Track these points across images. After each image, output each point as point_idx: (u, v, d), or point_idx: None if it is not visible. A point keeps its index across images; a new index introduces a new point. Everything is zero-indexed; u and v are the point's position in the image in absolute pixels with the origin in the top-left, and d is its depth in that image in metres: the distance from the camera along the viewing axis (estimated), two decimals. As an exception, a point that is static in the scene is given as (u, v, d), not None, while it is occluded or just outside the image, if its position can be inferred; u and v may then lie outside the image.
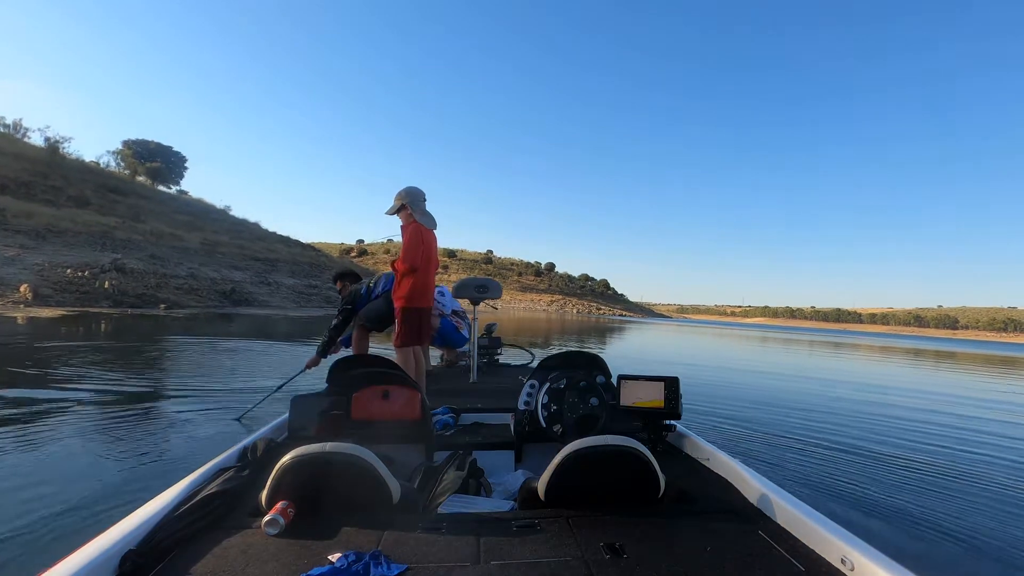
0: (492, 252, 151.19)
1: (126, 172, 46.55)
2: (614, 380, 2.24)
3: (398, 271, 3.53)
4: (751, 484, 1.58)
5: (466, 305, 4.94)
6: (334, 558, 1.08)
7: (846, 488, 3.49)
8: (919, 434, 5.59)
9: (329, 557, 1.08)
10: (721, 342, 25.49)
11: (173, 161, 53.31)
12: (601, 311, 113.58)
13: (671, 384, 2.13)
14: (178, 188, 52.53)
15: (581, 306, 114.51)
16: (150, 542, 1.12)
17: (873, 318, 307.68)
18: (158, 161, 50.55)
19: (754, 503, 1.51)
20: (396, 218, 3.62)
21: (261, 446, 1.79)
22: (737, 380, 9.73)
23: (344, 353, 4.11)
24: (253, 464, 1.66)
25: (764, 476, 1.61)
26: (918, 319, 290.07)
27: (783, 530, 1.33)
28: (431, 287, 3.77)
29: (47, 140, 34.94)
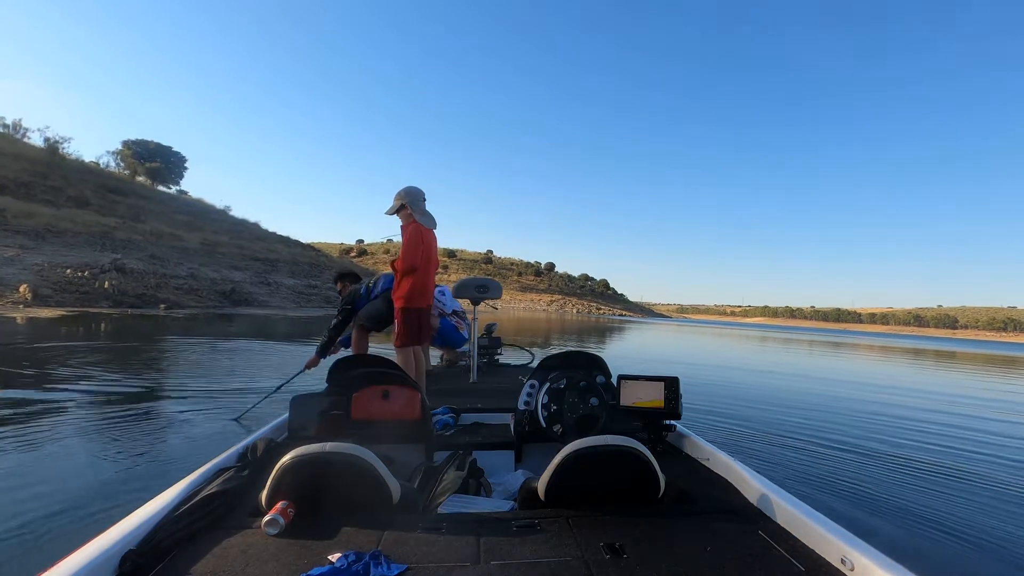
0: (492, 252, 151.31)
1: (126, 172, 46.53)
2: (614, 380, 2.24)
3: (398, 271, 3.52)
4: (751, 484, 1.58)
5: (466, 305, 4.94)
6: (334, 558, 1.08)
7: (846, 487, 3.49)
8: (920, 433, 5.59)
9: (329, 557, 1.08)
10: (721, 342, 25.48)
11: (173, 161, 53.28)
12: (601, 311, 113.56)
13: (671, 384, 2.13)
14: (178, 188, 52.57)
15: (581, 306, 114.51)
16: (150, 542, 1.12)
17: (873, 318, 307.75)
18: (158, 161, 50.52)
19: (754, 503, 1.51)
20: (396, 218, 3.61)
21: (261, 446, 1.79)
22: (737, 379, 9.72)
23: (344, 353, 4.11)
24: (253, 464, 1.66)
25: (764, 476, 1.61)
26: (918, 319, 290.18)
27: (783, 530, 1.33)
28: (431, 287, 3.76)
29: (47, 140, 34.95)
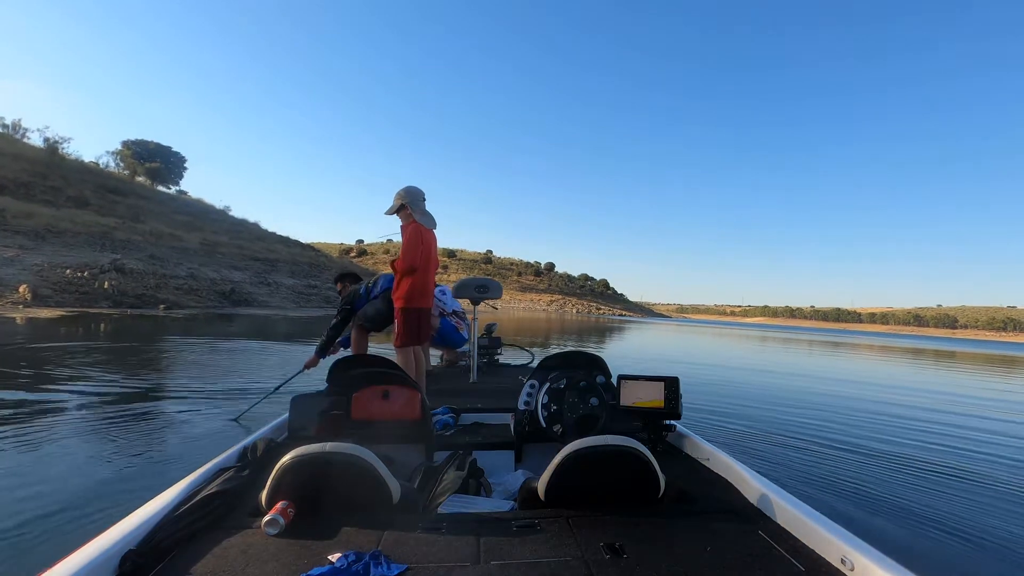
0: (492, 252, 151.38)
1: (125, 172, 46.50)
2: (614, 380, 2.24)
3: (397, 271, 3.52)
4: (751, 484, 1.58)
5: (466, 305, 4.94)
6: (334, 558, 1.08)
7: (847, 487, 3.49)
8: (921, 433, 5.59)
9: (329, 557, 1.08)
10: (721, 342, 25.47)
11: (172, 161, 53.27)
12: (601, 311, 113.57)
13: (671, 384, 2.13)
14: (178, 188, 52.55)
15: (581, 306, 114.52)
16: (150, 542, 1.12)
17: (873, 318, 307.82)
18: (157, 161, 50.51)
19: (754, 503, 1.51)
20: (396, 218, 3.61)
21: (261, 446, 1.79)
22: (738, 379, 9.72)
23: (343, 353, 4.11)
24: (253, 464, 1.66)
25: (764, 476, 1.61)
26: (917, 318, 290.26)
27: (783, 530, 1.33)
28: (431, 287, 3.76)
29: (46, 140, 34.90)
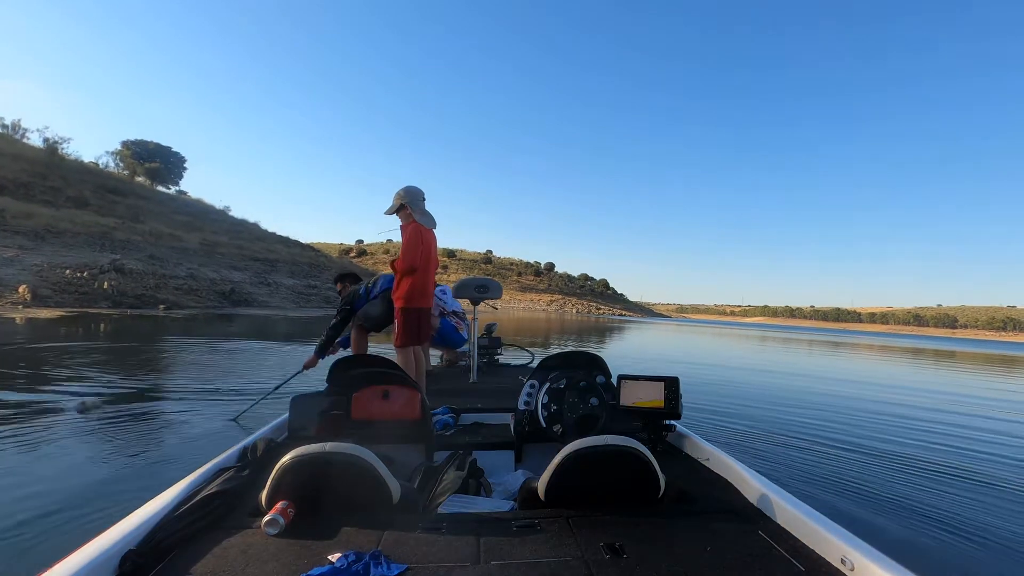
0: (492, 252, 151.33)
1: (125, 173, 46.45)
2: (614, 380, 2.24)
3: (397, 271, 3.52)
4: (751, 484, 1.58)
5: (466, 305, 4.94)
6: (334, 558, 1.08)
7: (848, 486, 3.49)
8: (922, 432, 5.59)
9: (329, 557, 1.08)
10: (721, 342, 25.47)
11: (172, 161, 53.23)
12: (601, 311, 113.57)
13: (671, 384, 2.13)
14: (177, 188, 52.47)
15: (581, 306, 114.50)
16: (150, 542, 1.12)
17: (872, 317, 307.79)
18: (157, 161, 50.47)
19: (754, 503, 1.52)
20: (395, 217, 3.61)
21: (261, 446, 1.79)
22: (738, 379, 9.72)
23: (343, 353, 4.11)
24: (253, 464, 1.66)
25: (764, 476, 1.61)
26: (917, 318, 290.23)
27: (783, 530, 1.33)
28: (431, 287, 3.76)
29: (46, 141, 34.83)
